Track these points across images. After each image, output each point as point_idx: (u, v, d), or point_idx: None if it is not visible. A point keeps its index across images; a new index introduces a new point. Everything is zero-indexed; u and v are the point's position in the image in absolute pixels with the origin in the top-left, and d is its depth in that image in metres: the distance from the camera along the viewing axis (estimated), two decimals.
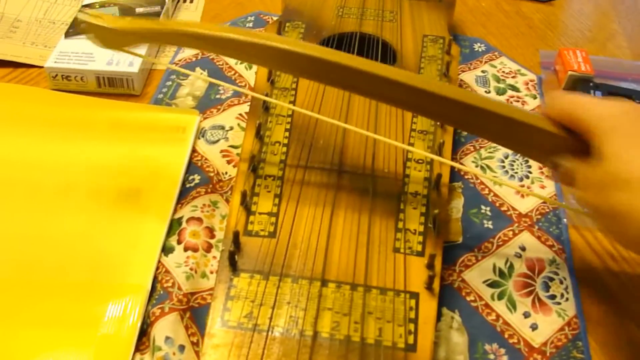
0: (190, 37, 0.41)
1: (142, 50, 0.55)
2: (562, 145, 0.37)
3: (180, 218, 0.44)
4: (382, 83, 0.37)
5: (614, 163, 0.33)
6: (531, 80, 0.59)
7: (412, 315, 0.35)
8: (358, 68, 0.37)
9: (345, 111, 0.47)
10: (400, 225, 0.40)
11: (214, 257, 0.42)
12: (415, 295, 0.36)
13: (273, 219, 0.40)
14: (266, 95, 0.48)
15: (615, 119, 0.34)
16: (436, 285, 0.37)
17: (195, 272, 0.41)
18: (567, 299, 0.41)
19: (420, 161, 0.45)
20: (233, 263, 0.37)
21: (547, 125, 0.37)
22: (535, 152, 0.39)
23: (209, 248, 0.42)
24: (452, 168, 0.47)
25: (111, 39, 0.43)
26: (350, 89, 0.40)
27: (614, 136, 0.34)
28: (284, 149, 0.45)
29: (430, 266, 0.37)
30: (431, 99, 0.37)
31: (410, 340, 0.34)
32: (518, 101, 0.57)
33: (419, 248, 0.39)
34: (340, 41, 0.56)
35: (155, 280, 0.40)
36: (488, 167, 0.50)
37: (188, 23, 0.43)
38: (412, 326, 0.35)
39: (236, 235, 0.38)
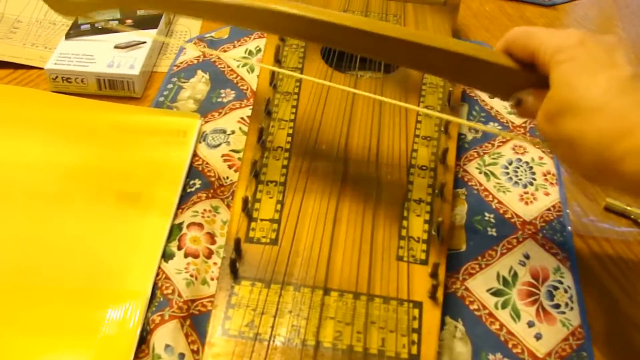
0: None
1: (143, 52, 0.54)
2: (520, 79, 0.37)
3: (181, 223, 0.43)
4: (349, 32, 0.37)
5: (565, 91, 0.33)
6: None
7: (416, 325, 0.35)
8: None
9: (349, 116, 0.47)
10: (404, 233, 0.40)
11: (215, 264, 0.42)
12: (418, 305, 0.36)
13: (275, 226, 0.39)
14: (268, 100, 0.48)
15: (572, 50, 0.34)
16: (440, 294, 0.36)
17: (196, 278, 0.40)
18: (571, 309, 0.41)
19: (424, 168, 0.44)
20: (234, 270, 0.37)
21: (503, 60, 0.37)
22: (495, 87, 0.39)
23: (209, 254, 0.42)
24: (456, 175, 0.47)
25: (70, 6, 0.43)
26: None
27: (568, 66, 0.33)
28: (286, 154, 0.44)
29: (434, 275, 0.37)
30: (385, 41, 0.37)
31: (414, 350, 0.34)
32: None
33: (423, 256, 0.38)
34: None
35: (155, 286, 0.40)
36: (492, 173, 0.49)
37: None
38: (415, 336, 0.34)
39: (237, 242, 0.37)
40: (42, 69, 0.55)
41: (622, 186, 0.33)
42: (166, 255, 0.41)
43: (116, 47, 0.55)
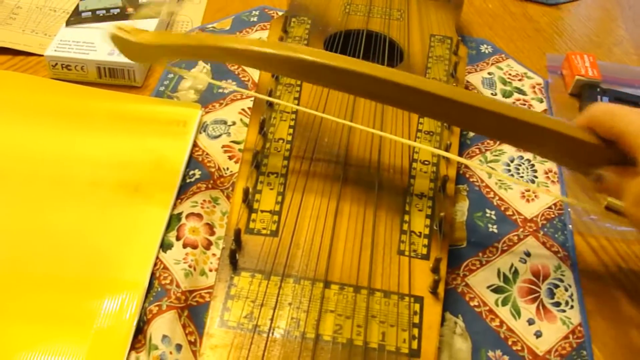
0: (220, 50, 0.40)
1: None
2: (601, 155, 0.37)
3: (180, 214, 0.43)
4: (418, 94, 0.37)
5: None
6: (538, 84, 0.58)
7: (417, 319, 0.34)
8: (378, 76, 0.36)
9: (351, 110, 0.47)
10: (405, 227, 0.39)
11: (214, 255, 0.41)
12: (419, 300, 0.35)
13: (276, 217, 0.39)
14: (270, 91, 0.47)
15: None
16: (441, 289, 0.36)
17: (194, 269, 0.40)
18: (572, 307, 0.40)
19: (426, 162, 0.44)
20: (234, 262, 0.36)
21: (582, 135, 0.37)
22: (572, 162, 0.39)
23: (208, 245, 0.41)
24: (458, 171, 0.46)
25: (139, 52, 0.43)
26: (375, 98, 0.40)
27: None
28: (288, 146, 0.44)
29: (435, 270, 0.37)
30: (481, 113, 0.37)
31: (414, 345, 0.33)
32: (524, 104, 0.56)
33: (424, 251, 0.38)
34: (346, 38, 0.55)
35: (152, 276, 0.39)
36: (494, 170, 0.49)
37: (216, 38, 0.43)
38: (416, 331, 0.34)
39: (237, 233, 0.37)
40: (41, 55, 0.55)
41: None
42: (164, 246, 0.41)
43: None
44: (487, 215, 0.46)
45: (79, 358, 0.35)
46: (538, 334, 0.39)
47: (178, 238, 0.41)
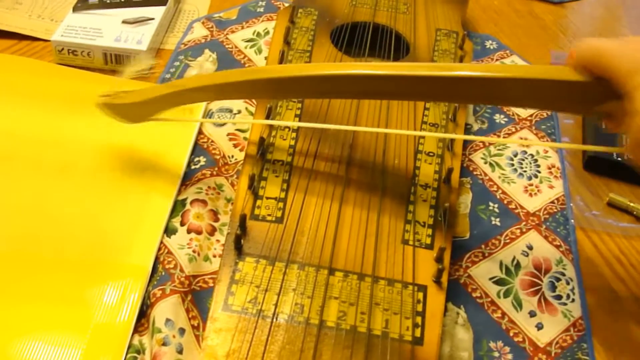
0: (206, 90, 0.40)
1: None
2: (596, 90, 0.34)
3: (185, 199, 0.43)
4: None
5: None
6: None
7: (420, 308, 0.35)
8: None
9: (357, 103, 0.47)
10: (410, 217, 0.39)
11: (218, 241, 0.41)
12: (423, 288, 0.36)
13: (281, 204, 0.39)
14: None
15: None
16: (444, 279, 0.36)
17: (198, 254, 0.40)
18: (573, 300, 0.41)
19: (431, 154, 0.44)
20: (239, 247, 0.36)
21: (571, 76, 0.34)
22: (568, 105, 0.37)
23: (212, 231, 0.42)
24: (462, 164, 0.47)
25: (136, 112, 0.43)
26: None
27: None
28: (294, 134, 0.44)
29: (439, 259, 0.37)
30: (444, 82, 0.36)
31: (418, 333, 0.34)
32: None
33: (428, 241, 0.38)
34: (353, 30, 0.55)
35: (156, 261, 0.39)
36: (497, 164, 0.49)
37: (197, 78, 0.43)
38: (419, 319, 0.34)
39: (243, 219, 0.37)
40: (47, 41, 0.55)
41: None
42: (169, 231, 0.41)
43: (124, 22, 0.55)
44: (490, 208, 0.46)
45: (83, 340, 0.35)
46: (539, 326, 0.39)
47: (182, 223, 0.41)
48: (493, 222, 0.45)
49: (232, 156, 0.47)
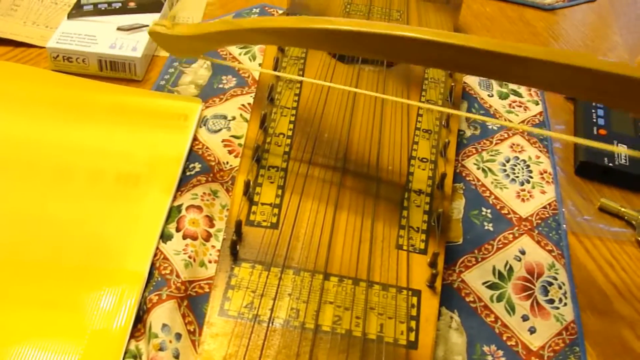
0: (262, 32, 0.39)
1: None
2: None
3: (180, 205, 0.43)
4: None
5: None
6: None
7: (414, 312, 0.35)
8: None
9: (351, 105, 0.47)
10: (404, 222, 0.40)
11: (213, 247, 0.42)
12: (417, 293, 0.36)
13: (276, 210, 0.39)
14: (271, 87, 0.48)
15: None
16: (438, 283, 0.36)
17: (194, 260, 0.40)
18: (565, 304, 0.41)
19: (424, 160, 0.44)
20: (234, 252, 0.37)
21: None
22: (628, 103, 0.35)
23: (208, 237, 0.42)
24: (455, 170, 0.47)
25: (183, 47, 0.42)
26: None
27: None
28: (288, 140, 0.44)
29: (433, 264, 0.37)
30: (532, 64, 0.33)
31: (412, 337, 0.34)
32: (520, 106, 0.57)
33: (422, 246, 0.39)
34: None
35: (153, 267, 0.40)
36: (490, 170, 0.50)
37: (252, 20, 0.42)
38: (413, 323, 0.35)
39: (238, 225, 0.37)
40: (42, 47, 0.55)
41: None
42: (164, 236, 0.41)
43: (119, 29, 0.55)
44: (483, 213, 0.46)
45: (79, 345, 0.35)
46: (532, 330, 0.40)
47: (178, 229, 0.42)
48: (486, 227, 0.45)
49: (227, 162, 0.47)
